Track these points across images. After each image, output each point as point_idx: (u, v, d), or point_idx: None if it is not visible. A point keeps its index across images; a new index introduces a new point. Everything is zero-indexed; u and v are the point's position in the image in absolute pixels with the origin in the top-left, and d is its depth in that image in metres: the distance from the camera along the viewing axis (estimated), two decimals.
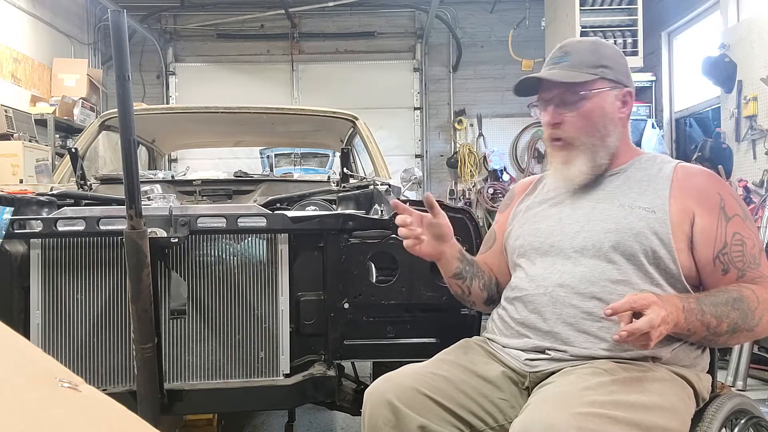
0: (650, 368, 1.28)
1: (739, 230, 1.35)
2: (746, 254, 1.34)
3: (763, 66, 4.93)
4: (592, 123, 1.42)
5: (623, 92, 1.45)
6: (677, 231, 1.34)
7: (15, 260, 1.84)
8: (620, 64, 1.46)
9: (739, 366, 3.99)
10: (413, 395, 1.31)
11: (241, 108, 3.40)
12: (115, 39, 1.48)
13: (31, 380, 0.62)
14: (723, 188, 1.40)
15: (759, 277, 1.34)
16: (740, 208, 1.37)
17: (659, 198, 1.37)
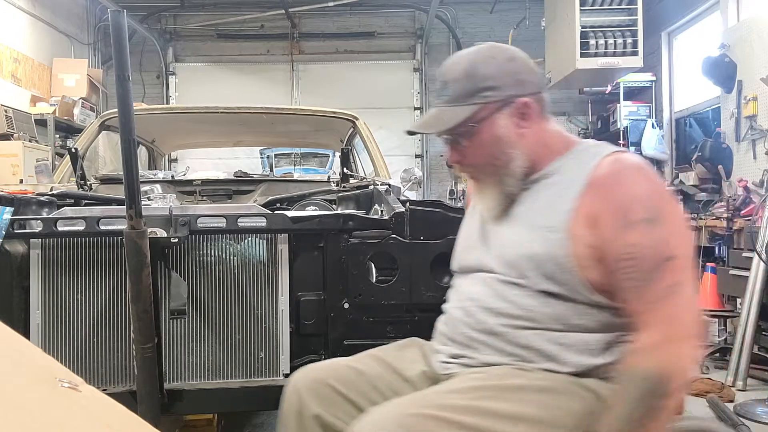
0: (550, 378, 1.20)
1: (638, 239, 1.15)
2: (640, 269, 1.14)
3: (763, 66, 4.93)
4: (489, 153, 1.31)
5: (517, 106, 1.29)
6: (579, 247, 1.20)
7: (15, 260, 1.84)
8: (507, 75, 1.31)
9: (739, 366, 3.99)
10: (319, 386, 1.34)
11: (241, 108, 3.41)
12: (115, 39, 1.48)
13: (31, 380, 0.62)
14: (634, 187, 1.20)
15: (652, 303, 1.13)
16: (647, 211, 1.16)
17: (562, 212, 1.23)
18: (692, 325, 1.14)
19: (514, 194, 1.33)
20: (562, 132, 1.38)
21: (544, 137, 1.33)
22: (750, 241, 4.11)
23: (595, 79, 6.40)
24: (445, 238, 1.97)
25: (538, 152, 1.32)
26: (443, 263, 2.00)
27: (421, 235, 1.98)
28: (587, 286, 1.21)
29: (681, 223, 1.21)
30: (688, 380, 1.15)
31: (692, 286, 1.18)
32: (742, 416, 3.37)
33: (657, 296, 1.13)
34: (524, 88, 1.31)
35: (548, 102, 1.36)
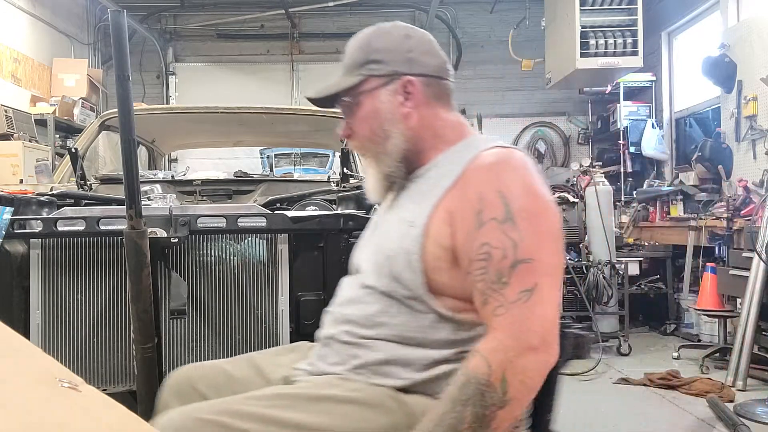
0: (368, 390, 1.15)
1: (490, 239, 1.08)
2: (490, 271, 1.07)
3: (763, 66, 4.93)
4: (369, 128, 1.27)
5: (401, 83, 1.24)
6: (433, 246, 1.14)
7: (15, 260, 1.84)
8: (398, 51, 1.26)
9: (739, 366, 4.00)
10: (184, 386, 1.33)
11: (241, 108, 3.41)
12: (115, 39, 1.48)
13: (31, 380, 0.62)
14: (490, 183, 1.12)
15: (500, 306, 1.06)
16: (503, 208, 1.08)
17: (426, 207, 1.17)
18: (542, 335, 1.06)
19: (394, 177, 1.28)
20: (458, 124, 1.31)
21: (434, 125, 1.27)
22: (750, 241, 4.11)
23: (595, 79, 6.40)
24: None
25: (425, 140, 1.26)
26: None
27: None
28: (428, 291, 1.14)
29: (545, 226, 1.11)
30: (531, 392, 1.07)
31: (551, 292, 1.09)
32: (742, 416, 3.37)
33: (507, 301, 1.06)
34: (413, 67, 1.26)
35: (447, 90, 1.31)
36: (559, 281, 1.13)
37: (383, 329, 1.18)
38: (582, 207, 5.45)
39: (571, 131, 8.07)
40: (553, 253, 1.11)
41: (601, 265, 5.06)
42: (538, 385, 1.07)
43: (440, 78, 1.30)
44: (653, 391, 3.99)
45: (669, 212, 5.95)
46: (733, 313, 4.58)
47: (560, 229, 1.16)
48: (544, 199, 1.14)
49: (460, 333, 1.15)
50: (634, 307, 5.58)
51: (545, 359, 1.06)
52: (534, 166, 1.19)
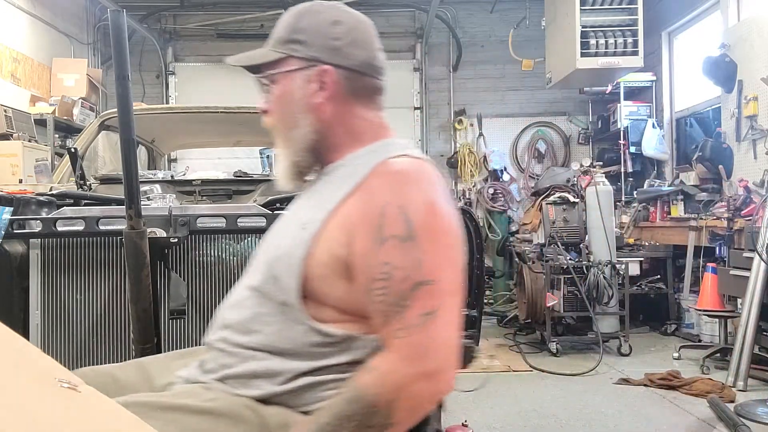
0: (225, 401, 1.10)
1: (391, 258, 1.02)
2: (390, 292, 1.02)
3: (764, 66, 4.93)
4: (282, 112, 1.21)
5: (317, 71, 1.17)
6: (322, 253, 1.08)
7: (15, 260, 1.83)
8: (322, 37, 1.18)
9: (740, 366, 3.99)
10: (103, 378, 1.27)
11: (241, 108, 3.40)
12: (114, 39, 1.48)
13: (31, 380, 0.62)
14: (392, 197, 1.05)
15: (400, 329, 1.01)
16: (405, 225, 1.03)
17: (321, 210, 1.11)
18: (441, 361, 1.02)
19: (301, 167, 1.22)
20: (378, 124, 1.23)
21: (348, 122, 1.20)
22: (750, 241, 4.11)
23: (596, 78, 6.40)
24: None
25: (337, 135, 1.20)
26: None
27: None
28: (301, 299, 1.09)
29: (447, 245, 1.06)
30: (417, 418, 1.03)
31: (452, 314, 1.05)
32: (743, 416, 3.37)
33: (407, 324, 1.01)
34: (334, 57, 1.17)
35: (372, 87, 1.22)
36: (460, 300, 1.09)
37: (256, 337, 1.13)
38: (582, 207, 5.45)
39: (571, 131, 8.07)
40: (455, 272, 1.07)
41: (601, 265, 5.05)
42: (426, 411, 1.05)
43: (363, 73, 1.20)
44: (653, 391, 3.99)
45: (669, 212, 5.95)
46: (733, 314, 4.57)
47: (461, 248, 1.11)
48: (447, 218, 1.09)
49: (332, 347, 1.10)
50: (634, 308, 5.57)
51: (439, 387, 1.04)
52: (441, 179, 1.14)
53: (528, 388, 4.10)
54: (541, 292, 5.13)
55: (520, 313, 5.68)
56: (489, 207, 7.52)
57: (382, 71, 1.25)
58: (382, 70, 1.25)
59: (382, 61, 1.26)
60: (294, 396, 1.10)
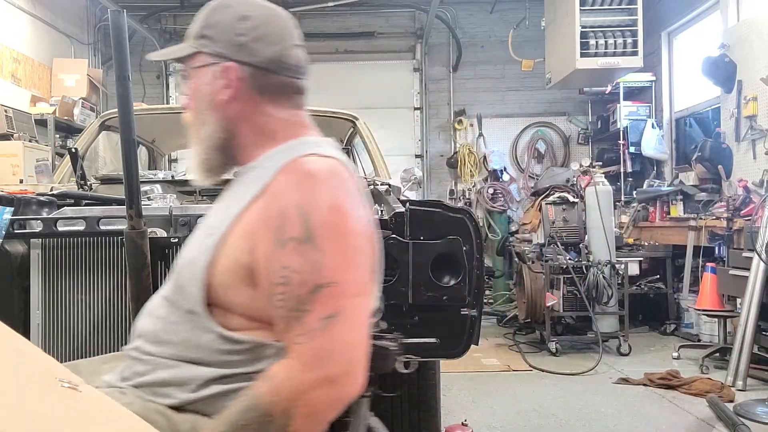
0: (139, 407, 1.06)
1: (290, 262, 0.99)
2: (289, 297, 0.99)
3: (763, 66, 4.93)
4: (193, 107, 1.19)
5: (221, 68, 1.14)
6: (227, 260, 1.05)
7: (15, 260, 1.84)
8: (229, 32, 1.14)
9: (739, 366, 4.00)
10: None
11: None
12: (115, 39, 1.48)
13: (31, 380, 0.62)
14: (293, 197, 1.02)
15: (300, 335, 0.98)
16: (303, 227, 0.99)
17: (228, 215, 1.09)
18: (345, 365, 0.99)
19: (211, 165, 1.20)
20: (292, 123, 1.19)
21: (257, 120, 1.17)
22: (750, 241, 4.11)
23: (595, 79, 6.41)
24: (445, 238, 1.97)
25: (246, 134, 1.17)
26: (443, 263, 2.01)
27: (421, 235, 1.98)
28: (206, 307, 1.07)
29: (351, 244, 1.03)
30: (319, 425, 0.99)
31: (358, 316, 1.02)
32: (742, 416, 3.37)
33: (307, 329, 0.98)
34: (240, 53, 1.14)
35: (283, 84, 1.19)
36: (367, 301, 1.05)
37: (166, 348, 1.11)
38: (582, 207, 5.45)
39: (571, 131, 8.07)
40: (360, 274, 1.04)
41: (601, 265, 5.06)
42: (330, 417, 1.00)
43: (270, 71, 1.16)
44: (653, 391, 3.99)
45: (669, 212, 5.95)
46: (733, 313, 4.58)
47: (370, 249, 1.08)
48: (353, 218, 1.05)
49: (242, 354, 1.06)
50: (634, 307, 5.58)
51: (343, 392, 0.99)
52: (354, 178, 1.11)
53: (528, 387, 4.10)
54: (540, 291, 5.14)
55: (520, 312, 5.69)
56: (489, 207, 7.52)
57: (295, 68, 1.21)
58: (296, 67, 1.21)
59: (297, 58, 1.22)
60: (206, 404, 1.07)
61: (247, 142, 1.17)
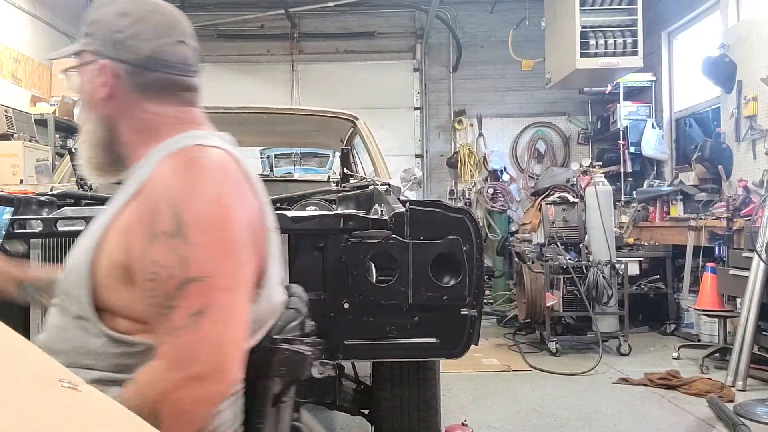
0: None
1: (159, 257, 0.95)
2: (158, 294, 0.95)
3: (763, 66, 4.93)
4: (82, 106, 1.18)
5: (99, 66, 1.12)
6: (105, 261, 1.02)
7: (15, 260, 1.84)
8: (107, 29, 1.12)
9: (739, 366, 4.00)
10: None
11: (241, 108, 3.41)
12: None
13: (31, 380, 0.62)
14: (165, 190, 0.99)
15: (166, 333, 0.94)
16: (174, 220, 0.95)
17: (108, 214, 1.06)
18: (213, 362, 0.94)
19: (98, 165, 1.18)
20: (179, 118, 1.16)
21: (138, 118, 1.14)
22: (750, 241, 4.12)
23: (595, 79, 6.41)
24: (445, 238, 1.97)
25: (128, 133, 1.14)
26: (443, 263, 2.01)
27: (421, 235, 1.98)
28: (95, 311, 1.02)
29: (226, 236, 0.99)
30: (193, 424, 0.93)
31: (230, 311, 0.97)
32: (742, 416, 3.37)
33: (174, 327, 0.94)
34: (117, 50, 1.11)
35: (163, 81, 1.15)
36: (245, 295, 1.00)
37: (60, 357, 1.01)
38: (582, 207, 5.45)
39: (571, 131, 8.07)
40: (235, 267, 0.99)
41: (601, 265, 5.06)
42: (204, 415, 0.94)
43: (147, 68, 1.13)
44: (653, 391, 3.99)
45: (669, 212, 5.95)
46: (733, 313, 4.58)
47: (248, 241, 1.02)
48: (230, 209, 1.00)
49: (136, 357, 1.01)
50: (634, 307, 5.58)
51: (214, 389, 0.94)
52: (241, 169, 1.07)
53: (527, 387, 4.10)
54: (540, 291, 5.14)
55: (520, 312, 5.69)
56: (489, 207, 7.52)
57: (178, 65, 1.18)
58: (179, 64, 1.18)
59: (180, 54, 1.19)
60: None
61: (130, 140, 1.14)
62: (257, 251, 1.06)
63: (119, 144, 1.15)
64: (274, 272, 1.12)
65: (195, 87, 1.21)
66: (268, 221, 1.12)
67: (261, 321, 1.10)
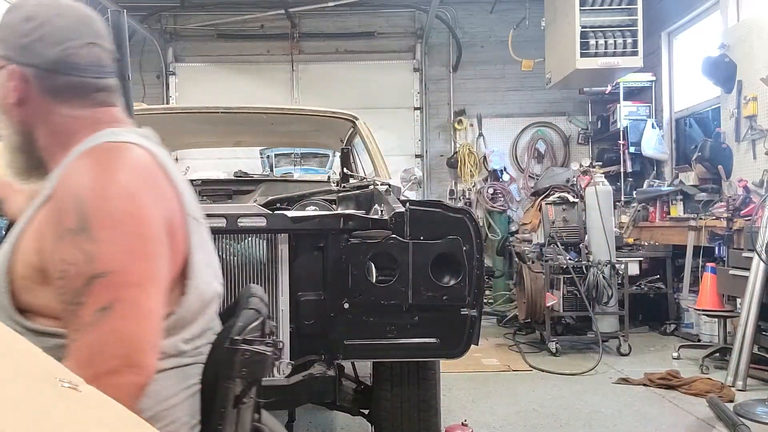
0: None
1: (65, 255, 0.95)
2: (67, 292, 0.95)
3: (763, 66, 4.93)
4: None
5: (8, 72, 1.11)
6: (21, 264, 1.01)
7: None
8: (14, 35, 1.11)
9: (739, 366, 4.00)
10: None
11: (241, 108, 3.41)
12: (115, 39, 1.48)
13: (31, 380, 0.62)
14: (72, 187, 0.98)
15: (76, 331, 0.94)
16: (78, 216, 0.95)
17: (25, 217, 1.06)
18: (125, 356, 0.93)
19: (19, 169, 1.17)
20: (96, 119, 1.14)
21: (54, 123, 1.13)
22: (750, 241, 4.12)
23: (595, 79, 6.41)
24: (445, 238, 1.97)
25: (45, 137, 1.13)
26: (443, 263, 2.01)
27: (421, 235, 1.98)
28: (19, 315, 1.01)
29: (132, 231, 0.97)
30: None
31: (139, 305, 0.96)
32: (742, 416, 3.37)
33: (82, 324, 0.93)
34: (24, 55, 1.10)
35: (74, 85, 1.13)
36: (157, 289, 0.99)
37: None
38: (582, 207, 5.45)
39: (571, 131, 8.07)
40: (144, 261, 0.98)
41: (601, 265, 5.06)
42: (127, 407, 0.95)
43: (57, 71, 1.12)
44: (653, 391, 3.99)
45: (669, 212, 5.95)
46: (733, 313, 4.58)
47: (159, 234, 1.01)
48: (138, 199, 0.99)
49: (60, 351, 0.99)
50: (634, 307, 5.58)
51: (128, 380, 0.93)
52: (155, 162, 1.06)
53: (527, 387, 4.10)
54: (540, 291, 5.14)
55: (520, 312, 5.69)
56: (489, 207, 7.52)
57: (89, 67, 1.15)
58: (89, 66, 1.15)
59: (90, 56, 1.15)
60: None
61: (48, 144, 1.13)
62: (176, 244, 1.05)
63: (38, 148, 1.14)
64: (200, 262, 1.11)
65: (110, 87, 1.18)
66: (194, 212, 1.12)
67: (194, 312, 1.09)
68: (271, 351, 1.14)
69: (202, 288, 1.11)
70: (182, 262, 1.07)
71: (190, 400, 1.08)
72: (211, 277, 1.15)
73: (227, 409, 1.07)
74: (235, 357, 1.07)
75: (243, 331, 1.11)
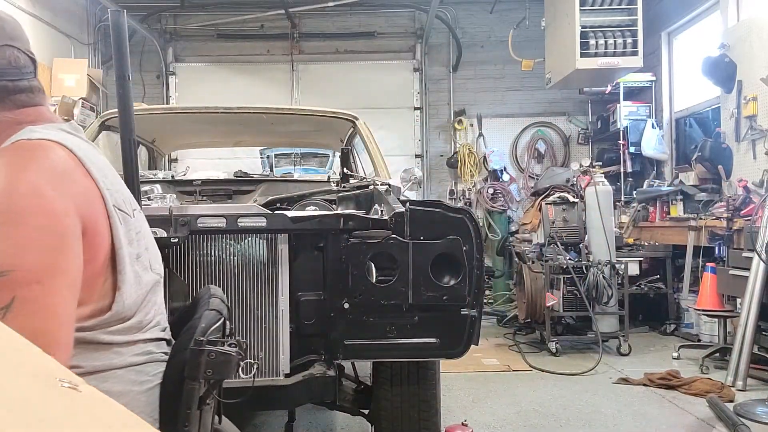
0: None
1: None
2: None
3: (763, 66, 4.93)
4: None
5: None
6: None
7: None
8: None
9: (739, 366, 4.00)
10: None
11: (241, 108, 3.41)
12: (115, 39, 1.48)
13: (31, 380, 0.62)
14: None
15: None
16: None
17: None
18: None
19: None
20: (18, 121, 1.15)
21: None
22: (750, 241, 4.12)
23: (595, 79, 6.41)
24: (445, 238, 1.97)
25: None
26: (443, 263, 2.01)
27: (421, 235, 1.98)
28: None
29: (33, 226, 0.96)
30: None
31: (39, 303, 0.94)
32: (742, 416, 3.37)
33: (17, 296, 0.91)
34: None
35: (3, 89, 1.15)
36: (63, 284, 0.97)
37: None
38: (582, 207, 5.45)
39: (571, 131, 8.07)
40: (45, 256, 0.96)
41: (601, 265, 5.06)
42: None
43: None
44: (653, 391, 3.99)
45: (669, 212, 5.95)
46: (733, 313, 4.58)
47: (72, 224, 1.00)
48: (43, 194, 0.98)
49: None
50: (634, 307, 5.58)
51: None
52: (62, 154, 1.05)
53: (527, 387, 4.10)
54: (540, 292, 5.14)
55: (520, 312, 5.69)
56: (489, 207, 7.52)
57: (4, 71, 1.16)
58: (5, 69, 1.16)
59: (5, 59, 1.16)
60: None
61: None
62: (95, 237, 1.04)
63: None
64: (129, 255, 1.10)
65: (32, 88, 1.18)
66: (121, 205, 1.11)
67: (129, 306, 1.09)
68: (235, 351, 1.14)
69: (131, 281, 1.10)
70: (107, 256, 1.06)
71: (144, 399, 1.07)
72: (141, 269, 1.14)
73: (192, 410, 1.07)
74: (200, 358, 1.07)
75: (207, 332, 1.11)
